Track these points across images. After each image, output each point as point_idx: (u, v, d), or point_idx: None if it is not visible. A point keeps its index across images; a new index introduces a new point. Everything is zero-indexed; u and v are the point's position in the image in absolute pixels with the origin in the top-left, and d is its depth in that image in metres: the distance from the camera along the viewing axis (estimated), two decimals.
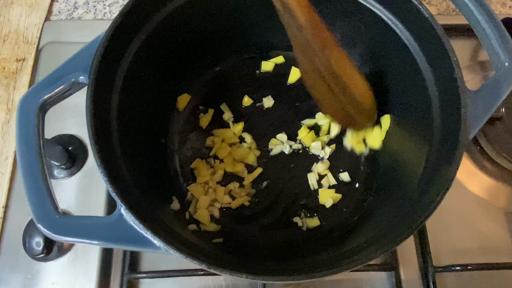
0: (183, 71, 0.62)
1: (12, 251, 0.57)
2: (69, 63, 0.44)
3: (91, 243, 0.39)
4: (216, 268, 0.38)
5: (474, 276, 0.57)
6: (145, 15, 0.50)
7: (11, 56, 0.70)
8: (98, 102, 0.43)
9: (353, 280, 0.57)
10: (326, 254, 0.48)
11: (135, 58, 0.49)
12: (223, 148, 0.61)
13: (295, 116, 0.64)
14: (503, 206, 0.62)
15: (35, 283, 0.56)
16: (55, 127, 0.64)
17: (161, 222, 0.45)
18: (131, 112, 0.50)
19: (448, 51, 0.44)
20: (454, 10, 0.75)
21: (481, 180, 0.63)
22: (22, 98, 0.43)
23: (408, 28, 0.49)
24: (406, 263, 0.57)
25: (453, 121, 0.43)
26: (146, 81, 0.54)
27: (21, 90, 0.68)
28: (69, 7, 0.76)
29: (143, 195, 0.46)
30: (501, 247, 0.59)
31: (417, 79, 0.49)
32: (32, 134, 0.41)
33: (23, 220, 0.58)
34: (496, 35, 0.44)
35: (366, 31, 0.56)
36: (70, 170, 0.61)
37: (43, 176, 0.40)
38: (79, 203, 0.60)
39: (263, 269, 0.42)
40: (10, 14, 0.74)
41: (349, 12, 0.55)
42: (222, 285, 0.57)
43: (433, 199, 0.40)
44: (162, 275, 0.56)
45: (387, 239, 0.41)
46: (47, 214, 0.39)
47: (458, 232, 0.60)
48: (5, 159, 0.63)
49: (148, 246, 0.39)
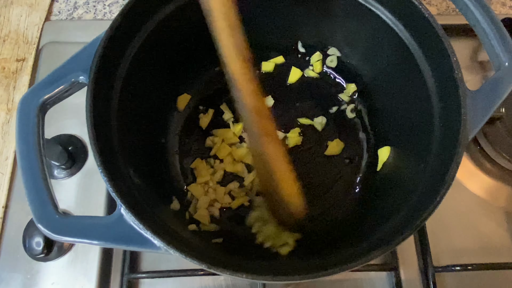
0: (183, 71, 0.62)
1: (12, 251, 0.57)
2: (69, 63, 0.44)
3: (91, 243, 0.39)
4: (216, 268, 0.38)
5: (474, 276, 0.57)
6: (145, 15, 0.50)
7: (11, 56, 0.70)
8: (98, 102, 0.43)
9: (353, 280, 0.57)
10: (326, 254, 0.48)
11: (135, 58, 0.49)
12: (223, 148, 0.61)
13: (295, 116, 0.64)
14: (503, 206, 0.62)
15: (35, 283, 0.56)
16: (55, 127, 0.64)
17: (161, 222, 0.45)
18: (131, 112, 0.50)
19: (448, 51, 0.44)
20: (454, 10, 0.75)
21: (481, 180, 0.63)
22: (22, 98, 0.43)
23: (408, 28, 0.49)
24: (406, 263, 0.57)
25: (453, 121, 0.43)
26: (146, 81, 0.54)
27: (21, 90, 0.68)
28: (69, 7, 0.76)
29: (143, 195, 0.46)
30: (501, 247, 0.59)
31: (416, 79, 0.49)
32: (32, 134, 0.41)
33: (23, 220, 0.58)
34: (496, 35, 0.44)
35: (366, 31, 0.56)
36: (70, 170, 0.61)
37: (43, 176, 0.40)
38: (79, 203, 0.60)
39: (263, 269, 0.42)
40: (10, 14, 0.74)
41: (349, 12, 0.55)
42: (222, 285, 0.57)
43: (433, 199, 0.40)
44: (162, 275, 0.56)
45: (387, 239, 0.41)
46: (47, 214, 0.39)
47: (458, 232, 0.60)
48: (5, 159, 0.63)
49: (148, 246, 0.39)
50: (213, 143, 0.62)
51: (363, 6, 0.52)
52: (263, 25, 0.60)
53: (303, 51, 0.66)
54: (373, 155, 0.61)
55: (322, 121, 0.63)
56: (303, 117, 0.64)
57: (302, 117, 0.64)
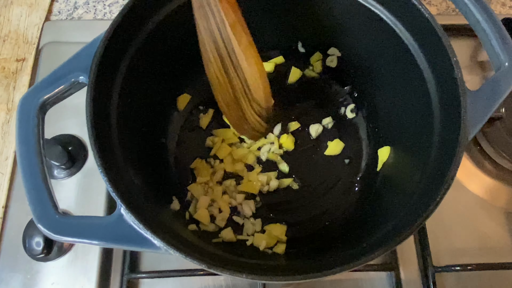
0: (183, 71, 0.62)
1: (12, 251, 0.57)
2: (69, 63, 0.44)
3: (91, 243, 0.39)
4: (216, 268, 0.38)
5: (474, 276, 0.57)
6: (145, 15, 0.50)
7: (11, 56, 0.70)
8: (98, 102, 0.43)
9: (353, 280, 0.57)
10: (326, 254, 0.48)
11: (135, 58, 0.49)
12: (223, 148, 0.61)
13: (294, 116, 0.64)
14: (503, 206, 0.62)
15: (35, 283, 0.56)
16: (55, 127, 0.64)
17: (161, 222, 0.45)
18: (131, 112, 0.50)
19: (448, 51, 0.44)
20: (454, 10, 0.75)
21: (481, 180, 0.63)
22: (22, 98, 0.43)
23: (408, 28, 0.49)
24: (406, 263, 0.57)
25: (453, 121, 0.43)
26: (146, 81, 0.54)
27: (21, 90, 0.68)
28: (69, 7, 0.76)
29: (143, 195, 0.46)
30: (501, 247, 0.59)
31: (416, 79, 0.49)
32: (32, 134, 0.41)
33: (23, 220, 0.58)
34: (496, 35, 0.44)
35: (366, 31, 0.56)
36: (70, 170, 0.61)
37: (43, 176, 0.40)
38: (79, 203, 0.60)
39: (263, 269, 0.42)
40: (10, 14, 0.74)
41: (349, 12, 0.55)
42: (222, 285, 0.57)
43: (433, 199, 0.40)
44: (162, 275, 0.56)
45: (387, 239, 0.41)
46: (47, 214, 0.39)
47: (458, 232, 0.60)
48: (5, 159, 0.63)
49: (148, 246, 0.39)
50: (213, 143, 0.62)
51: (363, 6, 0.52)
52: (263, 25, 0.60)
53: (303, 51, 0.66)
54: (373, 155, 0.61)
55: (328, 122, 0.64)
56: (303, 116, 0.64)
57: (302, 116, 0.64)
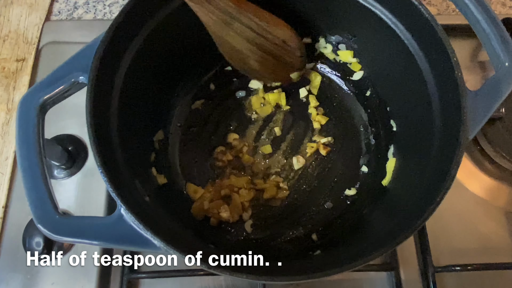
0: (183, 71, 0.62)
1: (12, 251, 0.57)
2: (69, 63, 0.44)
3: (91, 243, 0.39)
4: (216, 268, 0.38)
5: (474, 276, 0.57)
6: (145, 15, 0.50)
7: (11, 56, 0.70)
8: (98, 102, 0.43)
9: (353, 280, 0.57)
10: (326, 254, 0.48)
11: (135, 58, 0.49)
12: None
13: (294, 117, 0.65)
14: (503, 206, 0.62)
15: (35, 283, 0.56)
16: (55, 127, 0.64)
17: (161, 222, 0.45)
18: (131, 112, 0.50)
19: (448, 51, 0.44)
20: (454, 10, 0.75)
21: (481, 180, 0.63)
22: (22, 98, 0.43)
23: (408, 28, 0.49)
24: (406, 263, 0.57)
25: (453, 121, 0.43)
26: (146, 81, 0.54)
27: (21, 90, 0.68)
28: (69, 7, 0.76)
29: (143, 196, 0.46)
30: (501, 247, 0.59)
31: (417, 80, 0.49)
32: (32, 134, 0.41)
33: (23, 220, 0.58)
34: (496, 35, 0.44)
35: (366, 31, 0.56)
36: (70, 170, 0.61)
37: (43, 176, 0.40)
38: (79, 203, 0.60)
39: (263, 269, 0.42)
40: (10, 14, 0.74)
41: (349, 12, 0.55)
42: (222, 285, 0.57)
43: (433, 199, 0.40)
44: (162, 275, 0.56)
45: (387, 239, 0.41)
46: (47, 214, 0.39)
47: (458, 232, 0.60)
48: (5, 159, 0.63)
49: (148, 246, 0.39)
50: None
51: (363, 6, 0.52)
52: None
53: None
54: (373, 155, 0.61)
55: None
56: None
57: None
